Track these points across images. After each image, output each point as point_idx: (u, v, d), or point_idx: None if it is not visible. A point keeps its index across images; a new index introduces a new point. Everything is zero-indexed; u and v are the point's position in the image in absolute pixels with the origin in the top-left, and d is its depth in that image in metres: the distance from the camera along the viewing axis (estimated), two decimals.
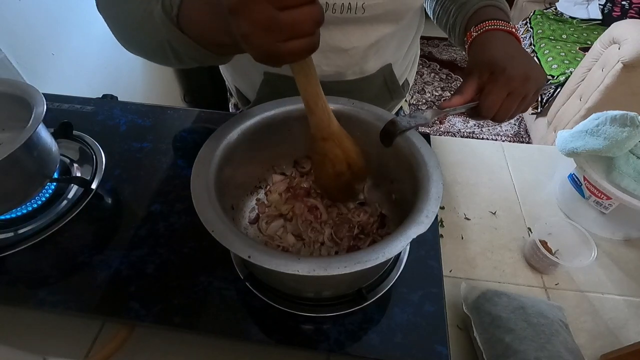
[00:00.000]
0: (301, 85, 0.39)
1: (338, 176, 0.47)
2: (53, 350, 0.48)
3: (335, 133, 0.44)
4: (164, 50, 0.43)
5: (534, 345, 0.44)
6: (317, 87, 0.40)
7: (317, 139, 0.44)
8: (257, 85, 0.67)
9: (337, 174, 0.47)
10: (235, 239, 0.35)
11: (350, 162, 0.46)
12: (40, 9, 1.05)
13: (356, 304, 0.44)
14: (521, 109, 0.46)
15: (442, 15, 0.61)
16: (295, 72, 0.38)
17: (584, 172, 0.60)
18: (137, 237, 0.52)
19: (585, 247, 0.55)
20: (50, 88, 0.75)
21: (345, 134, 0.45)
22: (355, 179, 0.48)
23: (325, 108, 0.42)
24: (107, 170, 0.60)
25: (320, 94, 0.40)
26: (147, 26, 0.42)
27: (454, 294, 0.53)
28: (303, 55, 0.32)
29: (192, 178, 0.40)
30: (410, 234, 0.35)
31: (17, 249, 0.50)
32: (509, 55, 0.45)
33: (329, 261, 0.33)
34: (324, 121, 0.42)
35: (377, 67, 0.65)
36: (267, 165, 0.55)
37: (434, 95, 2.42)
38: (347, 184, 0.48)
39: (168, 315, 0.45)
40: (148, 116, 0.71)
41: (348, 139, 0.46)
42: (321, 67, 0.61)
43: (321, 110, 0.41)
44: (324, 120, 0.42)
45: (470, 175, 0.70)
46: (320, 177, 0.51)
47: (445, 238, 0.61)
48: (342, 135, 0.45)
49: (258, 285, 0.45)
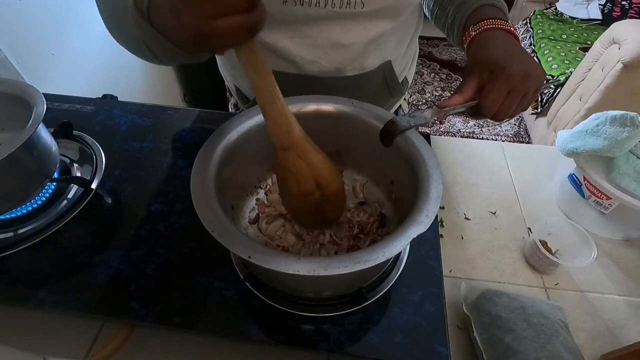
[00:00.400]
0: (251, 80, 0.34)
1: (304, 196, 0.41)
2: (53, 350, 0.48)
3: (297, 142, 0.38)
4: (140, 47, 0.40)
5: (534, 345, 0.44)
6: (269, 84, 0.35)
7: (277, 147, 0.39)
8: None
9: (302, 193, 0.41)
10: (235, 239, 0.35)
11: (319, 181, 0.40)
12: (40, 9, 1.05)
13: (356, 304, 0.44)
14: (521, 108, 0.46)
15: (440, 15, 0.62)
16: (243, 63, 0.33)
17: (584, 172, 0.60)
18: (137, 237, 0.52)
19: (585, 247, 0.55)
20: (50, 88, 0.75)
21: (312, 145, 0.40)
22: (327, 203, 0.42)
23: (283, 110, 0.37)
24: (107, 170, 0.60)
25: (274, 93, 0.35)
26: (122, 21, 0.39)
27: (454, 294, 0.53)
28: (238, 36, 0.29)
29: (192, 178, 0.40)
30: (410, 234, 0.35)
31: (17, 249, 0.50)
32: (508, 53, 0.45)
33: (329, 261, 0.33)
34: (281, 126, 0.37)
35: (377, 64, 0.65)
36: (267, 165, 0.55)
37: (433, 95, 2.42)
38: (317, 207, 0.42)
39: (168, 315, 0.45)
40: (148, 116, 0.71)
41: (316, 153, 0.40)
42: (321, 63, 0.61)
43: (277, 113, 0.36)
44: (281, 124, 0.37)
45: (470, 175, 0.70)
46: (284, 196, 0.44)
47: (445, 238, 0.61)
48: (307, 146, 0.39)
49: (258, 285, 0.45)
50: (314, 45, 0.59)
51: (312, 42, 0.59)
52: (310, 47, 0.59)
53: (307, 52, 0.60)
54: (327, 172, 0.41)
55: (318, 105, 0.50)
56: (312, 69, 0.61)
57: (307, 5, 0.53)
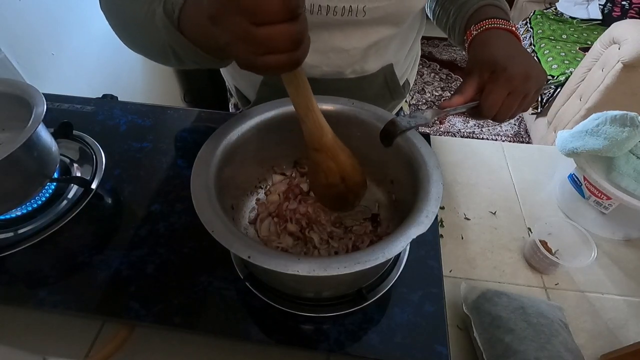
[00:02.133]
0: (292, 97, 0.38)
1: (330, 187, 0.46)
2: (53, 350, 0.48)
3: (328, 145, 0.43)
4: (165, 52, 0.43)
5: (534, 346, 0.44)
6: (307, 100, 0.39)
7: (310, 148, 0.43)
8: (257, 85, 0.67)
9: (329, 185, 0.45)
10: (235, 239, 0.35)
11: (344, 176, 0.45)
12: (40, 9, 1.05)
13: (356, 304, 0.44)
14: (522, 108, 0.46)
15: (441, 16, 0.61)
16: (286, 83, 0.37)
17: (584, 172, 0.60)
18: (137, 237, 0.52)
19: (585, 247, 0.55)
20: (50, 88, 0.75)
21: (340, 146, 0.44)
22: (349, 192, 0.47)
23: (317, 120, 0.41)
24: (107, 170, 0.60)
25: (311, 106, 0.39)
26: (149, 27, 0.42)
27: (454, 294, 0.53)
28: (283, 70, 0.31)
29: (192, 178, 0.40)
30: (410, 234, 0.35)
31: (17, 249, 0.50)
32: (509, 54, 0.45)
33: (329, 261, 0.33)
34: (315, 133, 0.41)
35: (378, 67, 0.65)
36: (267, 165, 0.55)
37: (434, 95, 2.42)
38: (340, 196, 0.47)
39: (168, 315, 0.45)
40: (148, 116, 0.71)
41: (344, 152, 0.44)
42: (322, 68, 0.61)
43: (312, 123, 0.41)
44: (315, 132, 0.41)
45: (470, 175, 0.70)
46: (314, 184, 0.50)
47: (445, 238, 0.61)
48: (337, 148, 0.44)
49: (258, 285, 0.45)
50: (315, 50, 0.59)
51: (314, 47, 0.58)
52: (311, 52, 0.59)
53: (309, 57, 0.59)
54: (351, 168, 0.45)
55: (318, 105, 0.50)
56: (312, 72, 0.61)
57: (309, 12, 0.53)
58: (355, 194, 0.48)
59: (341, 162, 0.44)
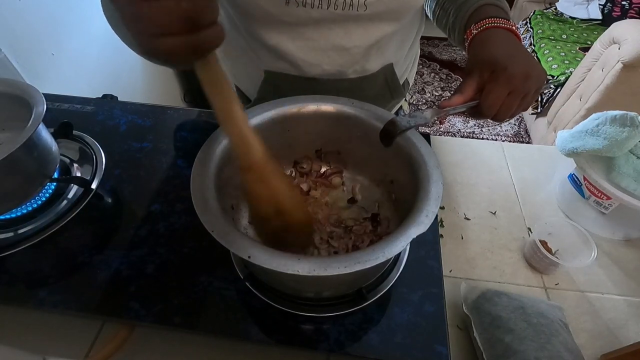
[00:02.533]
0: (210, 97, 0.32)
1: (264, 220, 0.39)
2: (53, 350, 0.48)
3: (258, 164, 0.36)
4: None
5: (534, 346, 0.44)
6: (227, 103, 0.33)
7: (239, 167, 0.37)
8: (258, 83, 0.67)
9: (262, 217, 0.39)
10: (235, 239, 0.35)
11: (280, 208, 0.38)
12: (40, 9, 1.05)
13: (356, 304, 0.44)
14: (522, 108, 0.46)
15: (441, 16, 0.61)
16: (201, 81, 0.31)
17: (584, 172, 0.60)
18: (137, 237, 0.52)
19: (585, 247, 0.55)
20: (50, 88, 0.75)
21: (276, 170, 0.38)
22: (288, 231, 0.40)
23: (241, 131, 0.35)
24: (107, 170, 0.60)
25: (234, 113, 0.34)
26: None
27: (454, 294, 0.53)
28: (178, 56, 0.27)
29: (192, 178, 0.40)
30: (410, 234, 0.35)
31: (17, 249, 0.50)
32: (509, 53, 0.45)
33: (329, 261, 0.33)
34: (241, 147, 0.35)
35: (379, 67, 0.65)
36: None
37: (434, 95, 2.42)
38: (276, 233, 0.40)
39: (168, 315, 0.45)
40: (148, 116, 0.71)
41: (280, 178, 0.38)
42: (322, 66, 0.61)
43: (235, 134, 0.35)
44: (240, 146, 0.35)
45: (470, 175, 0.70)
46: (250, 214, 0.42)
47: (445, 238, 0.61)
48: (269, 170, 0.37)
49: (258, 285, 0.45)
50: (316, 48, 0.59)
51: (314, 45, 0.59)
52: (312, 50, 0.59)
53: (309, 55, 0.60)
54: (289, 199, 0.39)
55: (318, 106, 0.50)
56: (313, 71, 0.61)
57: (310, 6, 0.53)
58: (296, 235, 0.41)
59: (274, 188, 0.38)
